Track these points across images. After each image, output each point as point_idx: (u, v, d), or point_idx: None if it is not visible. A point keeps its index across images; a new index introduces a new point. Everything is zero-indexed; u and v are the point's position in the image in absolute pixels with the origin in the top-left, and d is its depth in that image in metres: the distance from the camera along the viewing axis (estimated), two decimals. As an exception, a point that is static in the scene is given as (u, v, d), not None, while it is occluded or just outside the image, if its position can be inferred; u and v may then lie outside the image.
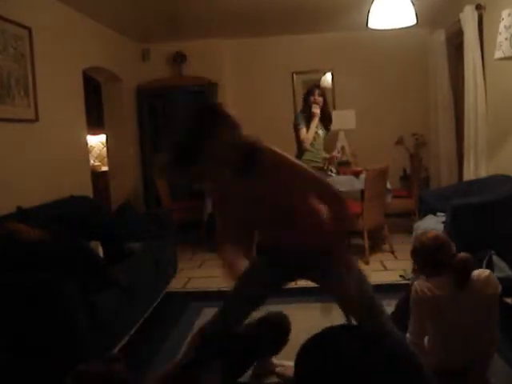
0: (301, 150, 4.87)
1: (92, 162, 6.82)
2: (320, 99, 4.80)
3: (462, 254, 2.28)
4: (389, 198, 5.14)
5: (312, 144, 4.89)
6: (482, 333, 2.26)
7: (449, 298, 2.22)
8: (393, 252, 4.66)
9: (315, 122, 4.82)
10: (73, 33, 4.81)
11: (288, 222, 2.14)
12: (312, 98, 4.80)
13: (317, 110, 4.80)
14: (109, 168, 6.52)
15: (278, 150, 2.11)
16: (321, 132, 4.98)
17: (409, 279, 4.09)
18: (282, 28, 6.29)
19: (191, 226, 5.88)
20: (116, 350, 2.97)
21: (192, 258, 5.31)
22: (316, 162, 4.85)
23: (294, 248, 2.18)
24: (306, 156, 4.82)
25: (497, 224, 3.63)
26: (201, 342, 2.19)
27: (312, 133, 4.83)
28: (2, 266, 2.66)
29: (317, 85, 5.02)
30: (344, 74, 6.71)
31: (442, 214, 4.12)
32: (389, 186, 5.08)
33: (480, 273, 2.29)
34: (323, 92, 4.90)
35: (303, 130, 4.83)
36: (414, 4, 3.73)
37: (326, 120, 5.01)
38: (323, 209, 2.21)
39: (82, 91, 5.07)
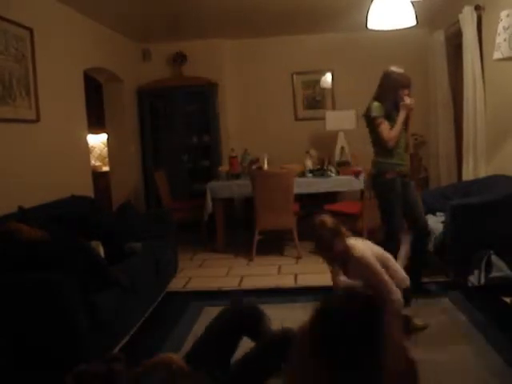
0: (386, 153, 3.67)
1: (93, 162, 6.83)
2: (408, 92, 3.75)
3: None
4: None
5: (398, 142, 3.70)
6: None
7: None
8: (392, 252, 4.67)
9: (402, 116, 3.63)
10: (74, 33, 4.82)
11: None
12: (403, 92, 3.69)
13: (411, 102, 3.64)
14: (110, 168, 6.53)
15: None
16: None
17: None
18: (282, 28, 6.30)
19: (192, 225, 5.90)
20: (116, 349, 2.98)
21: (192, 257, 5.32)
22: (404, 165, 3.74)
23: None
24: (394, 159, 3.66)
25: (496, 224, 3.64)
26: None
27: (398, 129, 3.63)
28: (3, 265, 2.67)
29: (405, 75, 3.82)
30: (344, 74, 6.72)
31: (442, 213, 4.13)
32: (389, 186, 5.07)
33: None
34: (410, 83, 3.83)
35: (386, 126, 3.60)
36: (413, 5, 3.73)
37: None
38: None
39: (83, 91, 5.09)
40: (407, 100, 3.60)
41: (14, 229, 2.91)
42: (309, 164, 5.63)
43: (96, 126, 6.42)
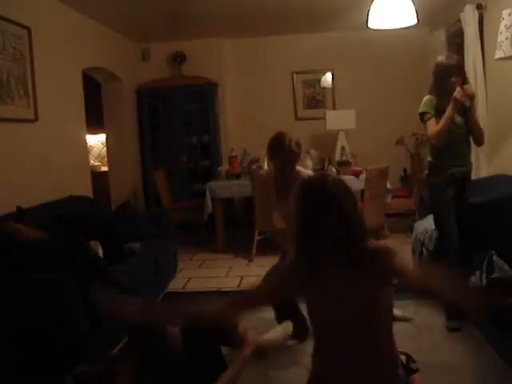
0: (436, 153, 3.31)
1: (92, 161, 6.82)
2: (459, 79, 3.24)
3: None
4: (389, 198, 5.14)
5: (449, 139, 3.21)
6: None
7: None
8: (393, 252, 4.66)
9: (450, 110, 3.14)
10: (72, 33, 4.80)
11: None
12: (455, 80, 3.20)
13: (460, 93, 3.12)
14: (108, 168, 6.52)
15: None
16: (459, 119, 3.25)
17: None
18: (281, 28, 6.29)
19: (191, 225, 5.89)
20: (116, 349, 2.97)
21: (192, 258, 5.31)
22: (459, 165, 3.30)
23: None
24: (445, 159, 3.27)
25: (497, 224, 3.62)
26: None
27: (442, 125, 3.15)
28: (3, 266, 2.66)
29: (451, 61, 3.28)
30: (344, 74, 6.71)
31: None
32: (389, 185, 5.08)
33: None
34: (462, 70, 3.39)
35: (431, 122, 3.22)
36: (414, 4, 3.72)
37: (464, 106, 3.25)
38: None
39: (82, 91, 5.07)
40: (456, 91, 3.13)
41: (13, 229, 2.89)
42: (309, 164, 5.60)
43: (95, 125, 6.41)
